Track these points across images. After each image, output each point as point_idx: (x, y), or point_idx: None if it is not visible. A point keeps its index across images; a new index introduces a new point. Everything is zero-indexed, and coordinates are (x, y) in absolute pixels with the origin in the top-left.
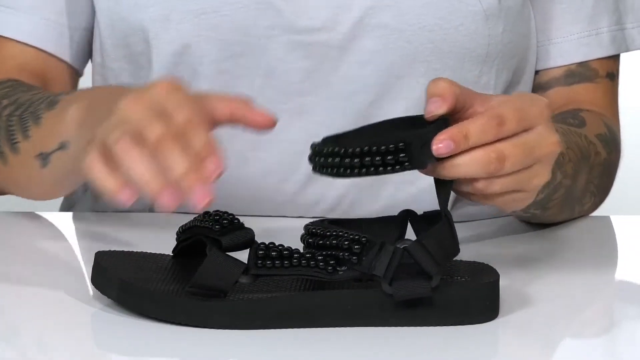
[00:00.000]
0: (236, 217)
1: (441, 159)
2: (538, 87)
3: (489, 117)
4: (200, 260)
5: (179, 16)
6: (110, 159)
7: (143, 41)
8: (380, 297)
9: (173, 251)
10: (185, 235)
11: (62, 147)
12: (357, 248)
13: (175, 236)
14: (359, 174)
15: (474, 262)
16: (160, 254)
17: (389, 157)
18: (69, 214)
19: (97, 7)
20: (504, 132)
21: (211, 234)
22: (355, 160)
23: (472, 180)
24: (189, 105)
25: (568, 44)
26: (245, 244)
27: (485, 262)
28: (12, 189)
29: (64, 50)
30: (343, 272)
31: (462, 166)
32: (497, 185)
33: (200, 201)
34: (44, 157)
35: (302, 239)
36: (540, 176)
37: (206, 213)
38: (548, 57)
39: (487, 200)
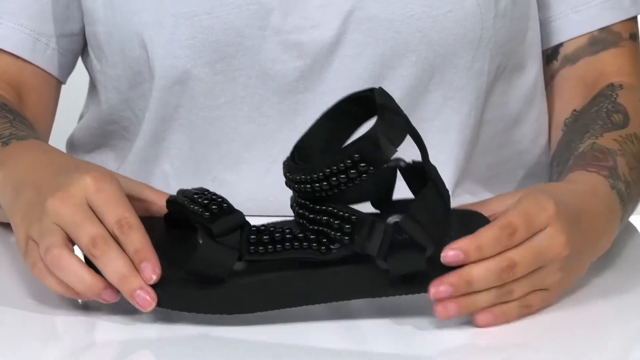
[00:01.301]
0: (225, 201)
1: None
2: (567, 60)
3: (500, 228)
4: (191, 234)
5: (172, 19)
6: None
7: (139, 46)
8: (376, 271)
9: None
10: (175, 209)
11: None
12: (347, 228)
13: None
14: (335, 194)
15: (464, 210)
16: (151, 221)
17: (352, 172)
18: None
19: (94, 15)
20: (514, 241)
21: (201, 221)
22: (324, 184)
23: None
24: (119, 201)
25: (591, 10)
26: (236, 228)
27: None
28: None
29: (40, 57)
30: (336, 251)
31: (477, 281)
32: (514, 294)
33: (144, 307)
34: None
35: (292, 206)
36: (552, 275)
37: (196, 193)
38: (573, 25)
39: (511, 311)
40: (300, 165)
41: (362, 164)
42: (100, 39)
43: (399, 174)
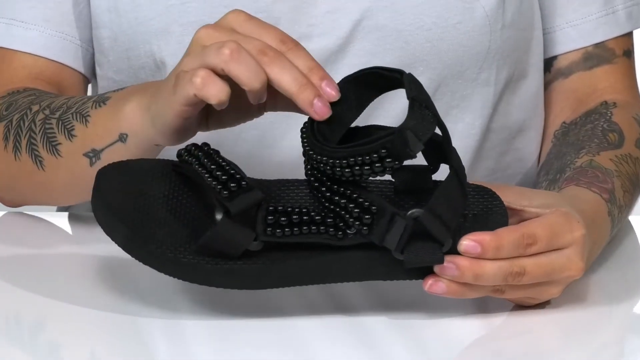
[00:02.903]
0: (243, 177)
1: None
2: (559, 74)
3: (523, 235)
4: (202, 195)
5: (180, 29)
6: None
7: (145, 55)
8: (391, 258)
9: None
10: (188, 171)
11: (120, 139)
12: (367, 218)
13: (177, 154)
14: (356, 181)
15: (480, 187)
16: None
17: (377, 165)
18: (65, 214)
19: (97, 19)
20: (531, 251)
21: (219, 199)
22: (347, 170)
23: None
24: (273, 26)
25: (587, 25)
26: (254, 206)
27: None
28: (43, 196)
29: (79, 62)
30: (352, 236)
31: (485, 279)
32: (507, 295)
33: (322, 115)
34: (94, 154)
35: (306, 174)
36: (552, 293)
37: (212, 163)
38: (568, 40)
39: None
40: (322, 143)
41: (388, 159)
42: (104, 43)
43: None
